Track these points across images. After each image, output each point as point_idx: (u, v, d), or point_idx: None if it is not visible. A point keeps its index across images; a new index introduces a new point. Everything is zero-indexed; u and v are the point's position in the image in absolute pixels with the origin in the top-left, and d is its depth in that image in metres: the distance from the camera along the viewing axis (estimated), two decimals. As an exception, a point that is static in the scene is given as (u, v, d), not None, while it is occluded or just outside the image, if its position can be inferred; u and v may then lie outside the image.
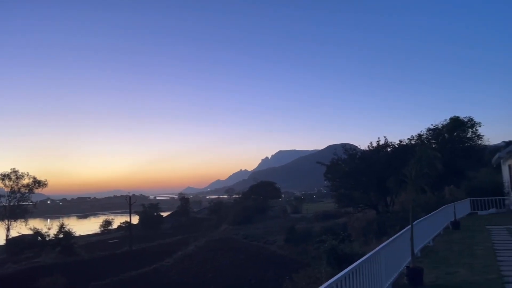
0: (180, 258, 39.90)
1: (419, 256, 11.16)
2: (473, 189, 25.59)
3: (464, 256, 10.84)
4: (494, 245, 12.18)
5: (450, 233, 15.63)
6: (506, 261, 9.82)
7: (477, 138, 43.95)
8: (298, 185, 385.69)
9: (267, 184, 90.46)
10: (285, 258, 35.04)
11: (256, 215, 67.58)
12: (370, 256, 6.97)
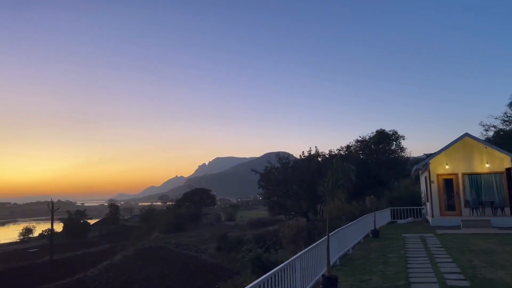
0: (105, 268, 38.02)
1: (338, 264, 11.51)
2: (394, 199, 27.13)
3: (379, 263, 11.33)
4: (407, 253, 12.90)
5: (370, 241, 16.32)
6: (414, 268, 10.40)
7: (400, 150, 46.86)
8: (235, 192, 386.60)
9: (202, 191, 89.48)
10: (216, 267, 34.71)
11: (189, 223, 66.43)
12: (285, 265, 7.03)
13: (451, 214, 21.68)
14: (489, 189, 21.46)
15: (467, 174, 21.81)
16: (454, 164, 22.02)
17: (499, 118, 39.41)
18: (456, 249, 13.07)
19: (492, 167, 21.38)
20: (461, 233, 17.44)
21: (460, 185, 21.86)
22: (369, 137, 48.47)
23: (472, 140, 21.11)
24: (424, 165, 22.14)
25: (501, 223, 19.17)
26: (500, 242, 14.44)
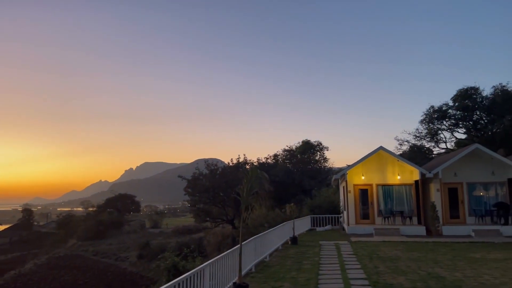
0: (13, 278, 35.02)
1: (253, 271, 11.57)
2: (315, 207, 28.10)
3: (292, 270, 11.57)
4: (321, 260, 13.33)
5: (288, 248, 16.67)
6: (325, 275, 10.76)
7: (323, 160, 48.80)
8: (163, 199, 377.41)
9: (126, 197, 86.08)
10: (136, 275, 33.46)
11: (110, 230, 63.49)
12: (192, 273, 6.89)
13: (366, 222, 22.90)
14: (400, 199, 23.00)
15: (381, 185, 23.20)
16: (370, 175, 23.33)
17: (412, 133, 42.62)
18: (366, 256, 13.76)
19: (403, 179, 22.95)
20: (373, 240, 18.43)
21: (374, 195, 23.18)
22: (296, 147, 50.00)
23: (386, 153, 22.53)
24: (342, 175, 23.19)
25: (409, 231, 20.61)
26: (406, 249, 15.47)
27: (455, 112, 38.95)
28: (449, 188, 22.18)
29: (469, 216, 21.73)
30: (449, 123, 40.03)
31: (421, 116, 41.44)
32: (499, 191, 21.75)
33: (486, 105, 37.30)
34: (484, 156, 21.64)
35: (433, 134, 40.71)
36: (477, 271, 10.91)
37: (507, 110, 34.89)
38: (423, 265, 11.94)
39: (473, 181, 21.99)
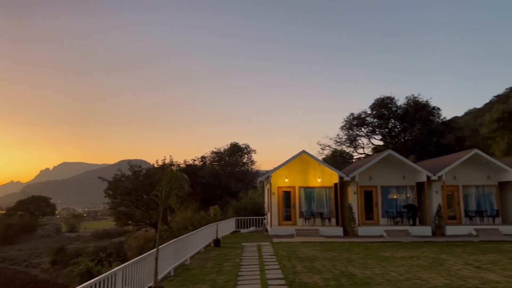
0: None
1: (172, 274, 11.32)
2: (240, 209, 28.29)
3: (213, 272, 11.50)
4: (242, 261, 13.42)
5: (211, 250, 16.57)
6: (244, 276, 10.84)
7: (251, 163, 49.42)
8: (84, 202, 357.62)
9: (40, 199, 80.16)
10: (48, 283, 31.24)
11: (21, 234, 58.67)
12: (102, 278, 6.56)
13: (288, 224, 23.51)
14: (320, 201, 23.93)
15: (303, 187, 23.98)
16: (293, 178, 24.02)
17: (333, 139, 44.73)
18: (285, 257, 14.10)
19: (323, 181, 23.92)
20: (293, 241, 18.95)
21: (296, 197, 23.89)
22: (224, 150, 50.11)
23: (308, 157, 23.35)
24: (267, 178, 23.61)
25: (328, 232, 21.53)
26: (323, 249, 16.11)
27: (372, 119, 41.58)
28: (365, 191, 23.54)
29: (382, 217, 23.24)
30: (367, 130, 42.64)
31: (342, 123, 43.69)
32: (409, 194, 23.52)
33: (400, 114, 40.29)
34: (396, 162, 23.26)
35: (352, 140, 43.09)
36: (385, 268, 11.66)
37: (418, 119, 37.97)
38: (338, 264, 12.51)
39: (386, 185, 23.55)
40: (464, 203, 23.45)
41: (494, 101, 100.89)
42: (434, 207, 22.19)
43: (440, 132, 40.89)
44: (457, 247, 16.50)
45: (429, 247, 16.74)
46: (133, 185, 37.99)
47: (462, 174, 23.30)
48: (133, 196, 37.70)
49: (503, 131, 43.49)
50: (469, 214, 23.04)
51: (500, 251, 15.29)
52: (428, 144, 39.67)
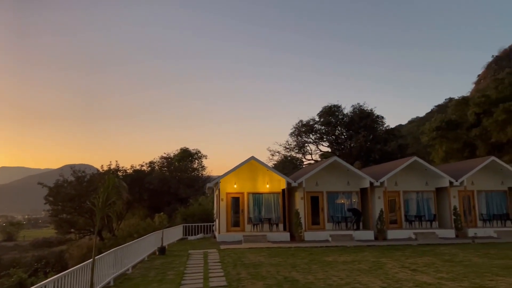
0: None
1: (112, 285, 10.91)
2: (188, 216, 27.89)
3: (154, 282, 11.20)
4: (186, 269, 13.19)
5: (155, 259, 16.16)
6: (187, 285, 10.65)
7: (201, 168, 48.96)
8: (23, 208, 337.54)
9: (-26, 206, 74.63)
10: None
11: (-50, 245, 54.28)
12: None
13: (236, 230, 23.46)
14: (268, 207, 24.12)
15: (252, 193, 24.07)
16: (242, 184, 24.04)
17: (282, 145, 45.37)
18: (231, 263, 14.03)
19: (272, 187, 24.14)
20: (241, 247, 18.92)
21: (245, 203, 23.92)
22: (174, 155, 49.28)
23: (257, 163, 23.47)
24: (216, 184, 23.47)
25: (275, 237, 21.70)
26: (269, 255, 16.20)
27: (320, 127, 42.68)
28: (311, 196, 24.02)
29: (328, 222, 23.80)
30: (315, 137, 43.69)
31: (291, 129, 44.45)
32: (353, 200, 24.27)
33: (346, 122, 41.66)
34: (341, 168, 23.94)
35: (301, 146, 43.95)
36: (327, 273, 11.91)
37: (363, 127, 39.40)
38: (282, 269, 12.61)
39: (331, 190, 24.16)
40: (404, 208, 24.55)
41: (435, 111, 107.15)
42: (377, 212, 23.03)
43: (384, 139, 42.71)
44: (397, 251, 17.20)
45: (371, 251, 17.33)
46: (76, 192, 36.34)
47: (402, 180, 24.40)
48: (75, 203, 36.06)
49: (441, 139, 46.15)
50: (409, 218, 24.14)
51: (435, 254, 16.11)
52: (372, 151, 41.27)
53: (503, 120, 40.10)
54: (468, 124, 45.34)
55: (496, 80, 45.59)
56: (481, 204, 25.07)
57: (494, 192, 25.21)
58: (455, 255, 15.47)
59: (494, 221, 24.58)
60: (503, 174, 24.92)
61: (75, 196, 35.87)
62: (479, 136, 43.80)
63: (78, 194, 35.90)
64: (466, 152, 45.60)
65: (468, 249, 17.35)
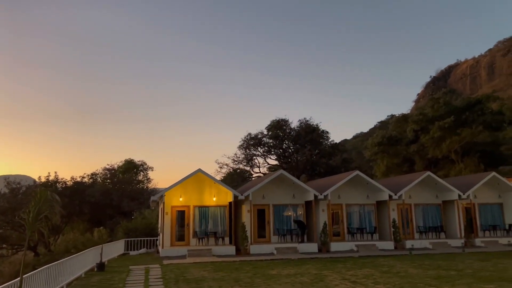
0: None
1: (42, 305, 10.23)
2: (130, 230, 26.95)
3: (90, 300, 10.64)
4: (125, 286, 12.68)
5: (93, 275, 15.39)
6: (125, 302, 10.21)
7: (147, 181, 47.69)
8: None
9: None
10: None
11: None
12: None
13: (181, 244, 22.97)
14: (215, 220, 23.88)
15: (198, 207, 23.74)
16: (188, 197, 23.66)
17: (230, 158, 45.38)
18: (173, 279, 13.66)
19: (218, 200, 23.95)
20: (185, 262, 18.52)
21: (191, 216, 23.54)
22: (118, 166, 47.66)
23: (204, 175, 23.24)
24: (160, 197, 22.93)
25: (220, 251, 21.48)
26: (213, 269, 15.97)
27: (268, 140, 43.25)
28: (258, 209, 24.11)
29: (274, 235, 23.96)
30: (263, 150, 44.18)
31: (240, 142, 44.67)
32: (299, 212, 24.65)
33: (293, 136, 42.55)
34: (287, 181, 24.29)
35: (249, 159, 44.22)
36: (270, 287, 11.92)
37: (309, 141, 40.41)
38: (225, 284, 12.47)
39: (278, 203, 24.41)
40: (347, 220, 25.29)
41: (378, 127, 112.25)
42: (321, 224, 23.52)
43: (329, 153, 44.03)
44: (339, 263, 17.61)
45: (314, 263, 17.61)
46: (9, 204, 34.02)
47: (345, 194, 25.17)
48: (8, 217, 33.73)
49: (383, 154, 48.38)
50: (351, 231, 24.88)
51: (375, 265, 16.67)
52: (318, 165, 42.38)
53: (438, 137, 42.77)
54: (407, 140, 47.93)
55: (432, 99, 48.68)
56: (418, 217, 26.38)
57: (429, 206, 26.64)
58: (393, 267, 16.09)
59: (430, 233, 25.92)
60: (438, 188, 26.42)
61: (8, 209, 33.55)
62: (417, 152, 46.41)
63: (12, 207, 33.60)
64: (405, 166, 48.10)
65: (405, 261, 18.12)
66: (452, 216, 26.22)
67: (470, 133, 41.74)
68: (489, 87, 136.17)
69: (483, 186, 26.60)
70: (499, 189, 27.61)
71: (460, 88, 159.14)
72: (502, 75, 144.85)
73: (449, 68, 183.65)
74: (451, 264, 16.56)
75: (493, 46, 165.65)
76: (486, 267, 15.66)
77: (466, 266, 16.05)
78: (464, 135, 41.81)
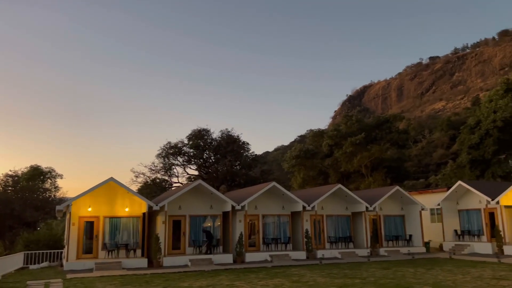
0: None
1: None
2: (32, 242, 24.78)
3: (-28, 322, 9.49)
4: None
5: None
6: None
7: (55, 189, 44.37)
8: None
9: None
10: None
11: None
12: None
13: (88, 257, 21.57)
14: (127, 232, 22.81)
15: (109, 217, 22.53)
16: (98, 207, 22.37)
17: (148, 167, 44.02)
18: (74, 295, 12.72)
19: (132, 211, 22.96)
20: (91, 276, 17.39)
21: (100, 227, 22.24)
22: (22, 172, 43.78)
23: (117, 184, 22.15)
24: (67, 206, 21.42)
25: (131, 264, 20.53)
26: (121, 283, 15.17)
27: (189, 149, 42.70)
28: (174, 220, 23.54)
29: (189, 247, 23.50)
30: (183, 159, 43.49)
31: (158, 151, 43.53)
32: (216, 223, 24.49)
33: (214, 146, 42.52)
34: (205, 192, 24.07)
35: (167, 169, 43.21)
36: (179, 300, 11.58)
37: (230, 152, 40.64)
38: (131, 299, 11.88)
39: (195, 214, 24.04)
40: (263, 231, 25.65)
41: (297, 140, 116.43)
42: (237, 235, 23.58)
43: (249, 165, 44.62)
44: (252, 273, 17.72)
45: (228, 274, 17.53)
46: None
47: (262, 204, 25.56)
48: None
49: (300, 167, 50.21)
50: (266, 241, 25.27)
51: (286, 275, 17.03)
52: (238, 176, 42.69)
53: (350, 152, 45.45)
54: (322, 154, 50.32)
55: (346, 116, 51.80)
56: (329, 228, 27.57)
57: (340, 217, 28.01)
58: (303, 276, 16.57)
59: (340, 243, 27.21)
60: (348, 201, 27.92)
61: None
62: (331, 166, 48.87)
63: None
64: (320, 179, 50.35)
65: (315, 270, 18.77)
66: (360, 227, 27.81)
67: (378, 149, 44.96)
68: (398, 108, 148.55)
69: (388, 199, 28.65)
70: (402, 202, 29.92)
71: (373, 107, 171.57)
72: (409, 97, 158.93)
73: (364, 88, 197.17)
74: (357, 273, 17.48)
75: (402, 70, 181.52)
76: (387, 275, 16.75)
77: (369, 274, 17.03)
78: (373, 151, 44.91)
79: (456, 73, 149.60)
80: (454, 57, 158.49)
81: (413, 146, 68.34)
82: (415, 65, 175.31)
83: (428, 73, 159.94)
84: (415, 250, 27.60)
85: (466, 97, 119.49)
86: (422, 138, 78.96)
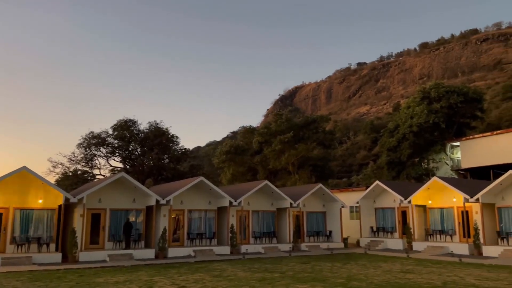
0: None
1: None
2: None
3: None
4: None
5: None
6: None
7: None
8: None
9: None
10: None
11: None
12: None
13: (-6, 252, 19.85)
14: (40, 225, 21.32)
15: (20, 209, 20.90)
16: (7, 198, 20.65)
17: (67, 156, 41.55)
18: (-28, 293, 11.64)
19: (47, 203, 21.49)
20: (-5, 273, 16.01)
21: (10, 220, 20.56)
22: None
23: (30, 174, 20.59)
24: (-29, 197, 19.52)
25: (43, 259, 19.23)
26: (29, 279, 14.16)
27: (113, 140, 40.89)
28: (93, 213, 22.42)
29: (109, 241, 22.54)
30: (106, 151, 41.53)
31: (79, 140, 41.22)
32: (139, 218, 23.74)
33: (141, 138, 41.14)
34: (129, 185, 23.22)
35: (88, 159, 41.06)
36: (91, 296, 11.05)
37: (157, 145, 39.59)
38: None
39: (116, 208, 23.09)
40: (188, 226, 25.35)
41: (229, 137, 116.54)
42: (160, 230, 23.05)
43: (177, 159, 43.82)
44: (173, 269, 17.43)
45: (148, 270, 17.09)
46: None
47: (188, 199, 25.25)
48: None
49: (229, 162, 50.36)
50: (191, 236, 25.02)
51: (208, 270, 16.99)
52: (165, 169, 41.75)
53: (279, 150, 46.45)
54: (252, 151, 50.90)
55: (276, 115, 52.81)
56: (254, 223, 27.97)
57: (265, 212, 28.54)
58: (224, 271, 16.63)
59: (264, 238, 27.72)
60: (274, 197, 28.52)
61: None
62: (261, 162, 49.60)
63: None
64: (249, 175, 50.89)
65: (237, 265, 18.94)
66: (284, 222, 28.55)
67: (305, 148, 46.43)
68: (327, 110, 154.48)
69: (311, 196, 29.71)
70: (324, 199, 31.20)
71: (304, 108, 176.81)
72: (337, 100, 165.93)
73: (295, 88, 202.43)
74: (277, 267, 17.92)
75: (332, 73, 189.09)
76: (305, 269, 17.36)
77: (289, 268, 17.54)
78: (300, 149, 46.30)
79: (380, 79, 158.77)
80: (379, 64, 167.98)
81: (338, 147, 71.74)
82: (344, 69, 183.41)
83: (355, 78, 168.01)
84: (334, 245, 28.95)
85: (389, 103, 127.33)
86: (347, 139, 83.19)
